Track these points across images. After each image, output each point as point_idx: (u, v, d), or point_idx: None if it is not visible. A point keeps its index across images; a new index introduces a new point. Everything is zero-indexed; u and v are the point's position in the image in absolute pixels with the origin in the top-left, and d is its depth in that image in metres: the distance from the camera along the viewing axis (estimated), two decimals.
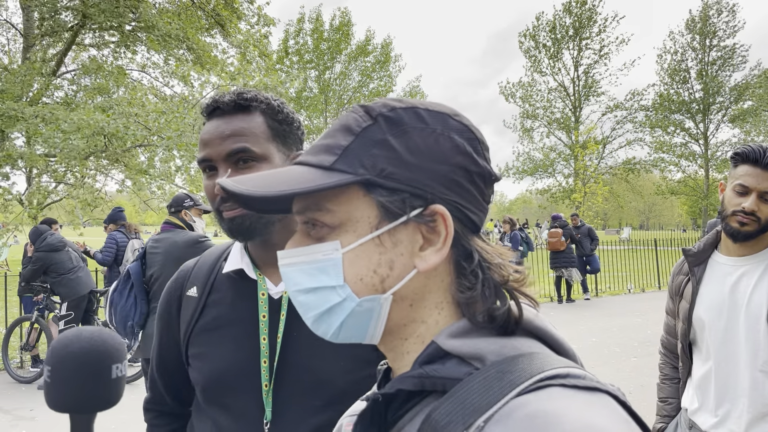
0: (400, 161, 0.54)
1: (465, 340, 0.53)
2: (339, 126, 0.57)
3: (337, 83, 30.38)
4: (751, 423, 1.60)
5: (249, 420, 0.99)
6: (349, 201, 0.54)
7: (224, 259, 1.13)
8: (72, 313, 5.82)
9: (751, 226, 1.62)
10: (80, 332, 0.72)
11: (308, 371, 0.99)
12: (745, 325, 1.63)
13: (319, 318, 0.57)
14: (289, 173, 0.56)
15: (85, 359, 0.70)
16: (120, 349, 0.73)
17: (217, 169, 1.02)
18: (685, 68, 31.94)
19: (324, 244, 0.55)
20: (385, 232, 0.54)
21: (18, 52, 12.93)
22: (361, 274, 0.54)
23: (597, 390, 0.47)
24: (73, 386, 0.69)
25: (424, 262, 0.54)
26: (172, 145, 9.06)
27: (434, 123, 0.56)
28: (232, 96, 1.03)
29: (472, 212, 0.56)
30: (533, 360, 0.50)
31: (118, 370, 0.72)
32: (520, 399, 0.45)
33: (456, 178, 0.55)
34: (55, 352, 0.70)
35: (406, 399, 0.54)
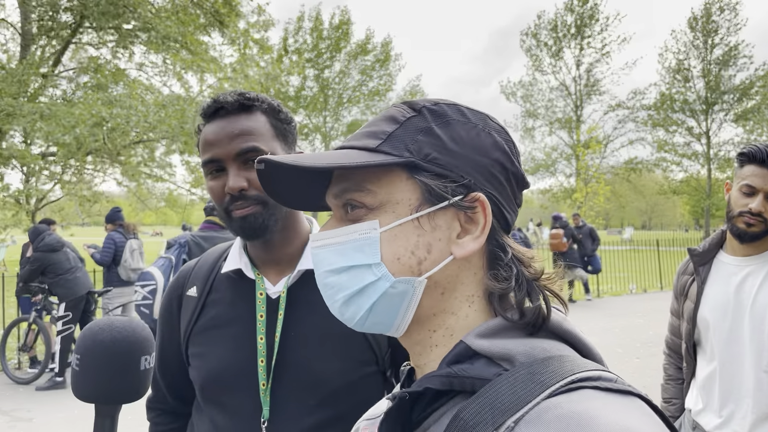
0: (444, 148, 0.55)
1: (494, 340, 0.53)
2: (382, 117, 0.59)
3: (337, 82, 30.38)
4: (756, 424, 1.60)
5: (246, 418, 1.01)
6: (391, 182, 0.55)
7: (224, 259, 1.15)
8: (70, 313, 5.80)
9: (757, 227, 1.61)
10: (111, 321, 0.71)
11: (305, 371, 1.01)
12: (750, 326, 1.62)
13: (349, 299, 0.56)
14: (335, 154, 0.56)
15: (115, 349, 0.69)
16: (150, 340, 0.73)
17: (224, 170, 1.02)
18: (687, 67, 31.90)
19: (362, 224, 0.55)
20: (424, 216, 0.54)
21: (16, 51, 12.92)
22: (398, 253, 0.54)
23: (629, 394, 0.47)
24: (102, 376, 0.69)
25: (462, 248, 0.55)
26: (174, 135, 9.06)
27: (476, 119, 0.58)
28: (235, 96, 1.05)
29: (506, 209, 0.58)
30: (563, 362, 0.49)
31: (147, 362, 0.72)
32: (552, 400, 0.45)
33: (495, 172, 0.57)
34: (85, 340, 0.69)
35: (432, 399, 0.53)
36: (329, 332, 1.02)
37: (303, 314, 1.04)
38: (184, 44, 10.86)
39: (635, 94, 32.49)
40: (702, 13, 31.17)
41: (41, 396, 5.49)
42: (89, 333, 0.70)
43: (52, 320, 6.08)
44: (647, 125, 32.57)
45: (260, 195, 1.00)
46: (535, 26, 33.17)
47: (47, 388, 5.65)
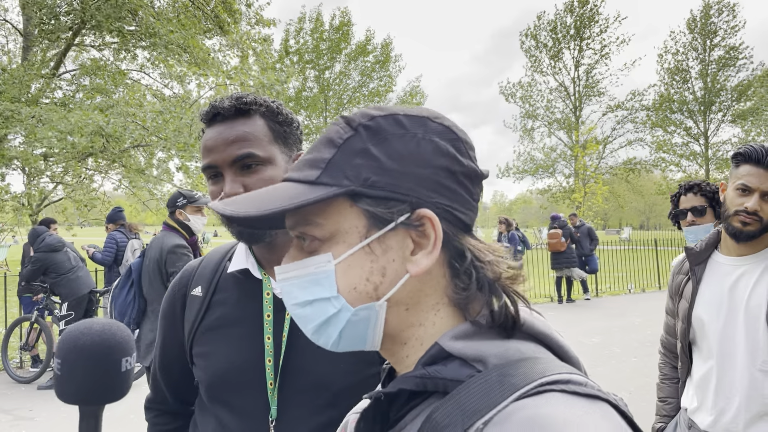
0: (383, 169, 0.54)
1: (468, 342, 0.54)
2: (322, 139, 0.58)
3: (337, 83, 30.37)
4: (750, 422, 1.61)
5: (254, 418, 1.01)
6: (338, 212, 0.55)
7: (228, 259, 1.14)
8: (72, 313, 5.82)
9: (753, 226, 1.62)
10: (90, 324, 0.72)
11: (312, 371, 1.01)
12: (745, 325, 1.63)
13: (318, 329, 0.57)
14: (277, 191, 0.57)
15: (96, 351, 0.70)
16: (129, 342, 0.74)
17: (222, 175, 1.03)
18: (685, 68, 31.93)
19: (316, 257, 0.56)
20: (374, 240, 0.54)
21: (18, 52, 12.92)
22: (354, 283, 0.55)
23: (597, 398, 0.47)
24: (84, 378, 0.69)
25: (416, 266, 0.55)
26: (170, 145, 9.06)
27: (414, 128, 0.56)
28: (232, 101, 1.04)
29: (460, 212, 0.57)
30: (535, 364, 0.50)
31: (128, 363, 0.73)
32: (519, 403, 0.45)
33: (440, 180, 0.56)
34: (66, 344, 0.70)
35: (408, 399, 0.54)
36: None
37: None
38: (186, 48, 10.85)
39: (634, 95, 32.50)
40: (701, 14, 31.21)
41: (43, 395, 5.52)
42: (69, 337, 0.70)
43: (54, 320, 6.10)
44: (646, 126, 32.59)
45: None
46: (534, 27, 33.18)
47: (49, 387, 5.67)
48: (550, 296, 11.17)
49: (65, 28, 11.38)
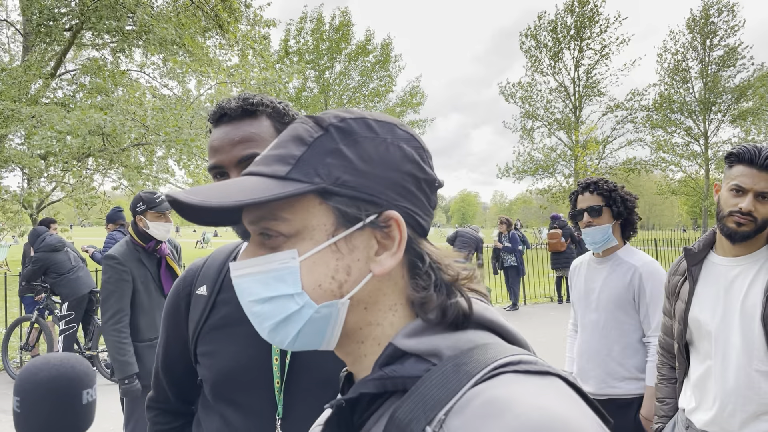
0: (354, 169, 0.55)
1: (421, 338, 0.55)
2: (289, 137, 0.58)
3: (337, 83, 30.39)
4: (746, 422, 1.62)
5: (260, 416, 1.02)
6: (305, 209, 0.55)
7: (233, 259, 1.15)
8: (73, 312, 5.83)
9: (748, 226, 1.63)
10: (48, 360, 0.70)
11: (319, 369, 1.02)
12: (740, 325, 1.64)
13: (276, 327, 0.57)
14: (242, 183, 0.56)
15: (54, 386, 0.68)
16: (90, 374, 0.72)
17: (228, 175, 1.04)
18: (685, 68, 31.95)
19: (280, 253, 0.56)
20: (341, 239, 0.55)
21: (18, 52, 12.93)
22: (319, 280, 0.55)
23: (548, 374, 0.49)
24: (44, 415, 0.67)
25: (380, 266, 0.56)
26: (170, 143, 9.05)
27: (383, 132, 0.58)
28: (239, 101, 1.05)
29: (421, 217, 0.59)
30: (487, 350, 0.52)
31: (89, 396, 0.71)
32: (476, 389, 0.47)
33: (406, 185, 0.57)
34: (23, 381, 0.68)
35: (370, 402, 0.55)
36: None
37: None
38: (182, 46, 10.85)
39: (634, 95, 32.52)
40: (700, 14, 31.23)
41: None
42: (27, 374, 0.68)
43: (54, 320, 6.10)
44: (646, 126, 32.60)
45: None
46: (534, 27, 33.20)
47: None
48: (550, 296, 11.17)
49: (64, 29, 11.39)
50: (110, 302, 3.01)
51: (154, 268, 3.24)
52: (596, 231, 2.38)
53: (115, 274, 3.03)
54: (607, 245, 2.42)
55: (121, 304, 3.00)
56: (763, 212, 1.62)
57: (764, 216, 1.62)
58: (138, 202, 3.25)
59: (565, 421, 0.42)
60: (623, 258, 2.41)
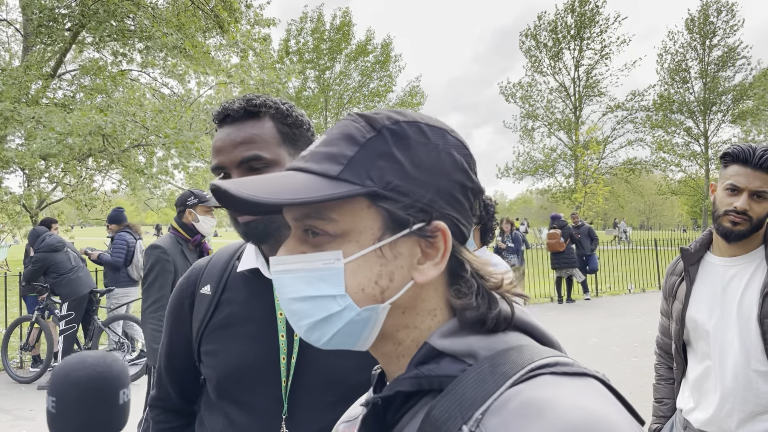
0: (406, 174, 0.54)
1: (456, 338, 0.55)
2: (340, 135, 0.57)
3: (337, 83, 30.39)
4: (744, 422, 1.62)
5: (265, 415, 1.02)
6: (354, 211, 0.54)
7: (237, 258, 1.15)
8: (73, 312, 5.83)
9: (743, 225, 1.63)
10: (84, 359, 0.69)
11: (323, 368, 1.03)
12: (737, 325, 1.64)
13: (314, 326, 0.56)
14: (292, 180, 0.55)
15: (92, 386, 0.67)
16: (125, 373, 0.71)
17: (230, 176, 1.04)
18: (685, 68, 31.95)
19: (325, 253, 0.55)
20: (386, 244, 0.54)
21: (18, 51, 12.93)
22: (362, 284, 0.54)
23: (585, 375, 0.50)
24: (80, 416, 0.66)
25: (423, 275, 0.55)
26: (170, 144, 9.04)
27: (435, 138, 0.57)
28: (242, 102, 1.05)
29: (464, 225, 0.58)
30: (523, 352, 0.52)
31: (125, 396, 0.70)
32: (514, 389, 0.47)
33: (455, 193, 0.57)
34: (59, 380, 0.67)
35: (404, 400, 0.55)
36: None
37: None
38: (182, 50, 10.85)
39: (634, 95, 32.51)
40: (699, 14, 31.22)
41: (43, 395, 5.52)
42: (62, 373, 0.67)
43: (54, 320, 6.11)
44: (646, 126, 32.60)
45: None
46: (534, 27, 33.18)
47: None
48: (550, 296, 11.17)
49: (65, 29, 11.38)
50: (152, 290, 3.04)
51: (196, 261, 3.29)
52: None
53: (159, 263, 3.07)
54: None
55: (162, 292, 3.03)
56: (758, 211, 1.62)
57: (759, 215, 1.62)
58: (189, 196, 3.40)
59: (605, 421, 0.43)
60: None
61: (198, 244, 3.38)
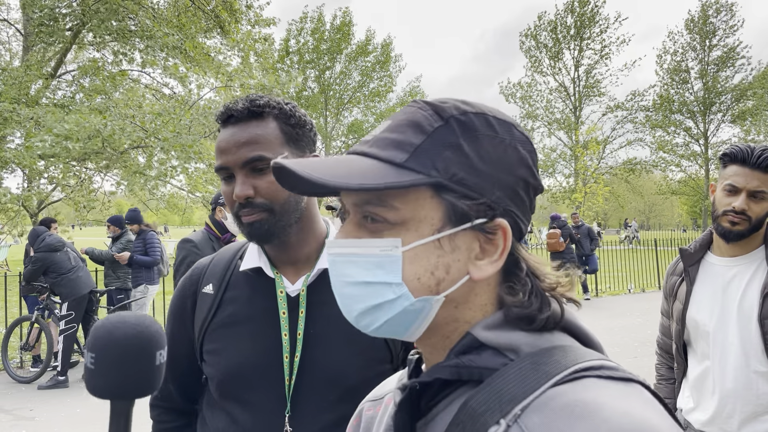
0: (472, 167, 0.54)
1: (500, 332, 0.54)
2: (407, 122, 0.56)
3: (337, 83, 30.41)
4: (744, 422, 1.62)
5: (268, 413, 1.03)
6: (416, 200, 0.54)
7: (240, 257, 1.16)
8: (73, 312, 5.83)
9: (742, 225, 1.63)
10: (124, 318, 0.71)
11: (326, 367, 1.04)
12: (738, 326, 1.65)
13: (366, 311, 0.56)
14: (359, 164, 0.54)
15: (131, 344, 0.69)
16: (162, 334, 0.73)
17: (234, 177, 1.04)
18: (685, 68, 31.96)
19: (383, 240, 0.54)
20: (445, 236, 0.54)
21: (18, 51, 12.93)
22: (419, 273, 0.54)
23: (630, 381, 0.49)
24: (119, 373, 0.68)
25: (480, 271, 0.55)
26: (169, 147, 9.04)
27: (503, 132, 0.56)
28: (245, 103, 1.05)
29: (523, 222, 0.58)
30: (567, 353, 0.52)
31: (161, 357, 0.71)
32: (557, 389, 0.47)
33: (518, 189, 0.56)
34: (99, 337, 0.69)
35: (440, 388, 0.55)
36: (347, 330, 1.04)
37: (322, 312, 1.07)
38: (183, 51, 10.85)
39: (634, 95, 32.53)
40: (699, 14, 31.24)
41: (43, 395, 5.52)
42: (103, 331, 0.69)
43: (54, 320, 6.11)
44: (646, 126, 32.62)
45: (267, 202, 1.03)
46: (534, 27, 33.20)
47: (49, 387, 5.68)
48: None
49: (65, 29, 11.38)
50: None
51: None
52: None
53: (190, 256, 3.07)
54: None
55: None
56: (756, 211, 1.62)
57: (758, 215, 1.63)
58: (220, 196, 3.37)
59: (650, 428, 0.43)
60: None
61: (228, 242, 3.37)
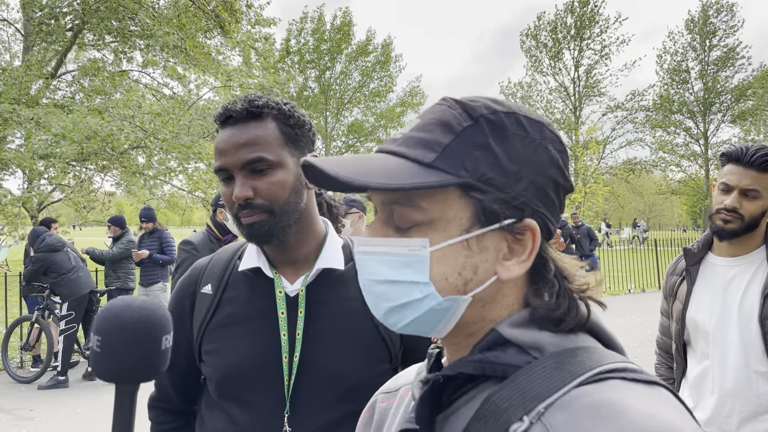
0: (501, 168, 0.53)
1: (525, 330, 0.55)
2: (436, 120, 0.55)
3: (338, 83, 30.41)
4: (743, 422, 1.62)
5: (267, 413, 1.03)
6: (444, 200, 0.53)
7: (239, 257, 1.16)
8: (73, 312, 5.83)
9: (734, 223, 1.64)
10: (130, 302, 0.72)
11: (324, 367, 1.04)
12: (738, 326, 1.65)
13: (393, 310, 0.56)
14: (387, 163, 0.54)
15: (138, 328, 0.69)
16: (169, 319, 0.73)
17: (233, 177, 1.04)
18: (685, 68, 31.95)
19: (411, 239, 0.54)
20: (474, 237, 0.54)
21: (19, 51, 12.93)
22: (446, 273, 0.54)
23: (655, 384, 0.50)
24: (124, 355, 0.69)
25: (507, 271, 0.55)
26: (168, 148, 9.03)
27: (533, 131, 0.56)
28: (244, 104, 1.05)
29: (551, 223, 0.57)
30: (591, 354, 0.52)
31: (167, 341, 0.72)
32: (582, 389, 0.47)
33: (547, 190, 0.56)
34: (106, 320, 0.69)
35: (463, 382, 0.55)
36: (346, 330, 1.06)
37: (321, 312, 1.07)
38: (183, 50, 10.84)
39: (634, 96, 32.53)
40: (699, 15, 31.23)
41: (43, 395, 5.52)
42: (110, 314, 0.70)
43: (54, 320, 6.11)
44: (646, 126, 32.61)
45: (266, 204, 1.03)
46: (534, 27, 33.21)
47: (49, 387, 5.68)
48: None
49: (66, 29, 11.38)
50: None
51: None
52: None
53: (190, 258, 3.07)
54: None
55: None
56: (749, 209, 1.63)
57: (751, 213, 1.63)
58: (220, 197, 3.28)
59: (675, 429, 0.43)
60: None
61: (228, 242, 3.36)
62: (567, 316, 0.55)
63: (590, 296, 0.58)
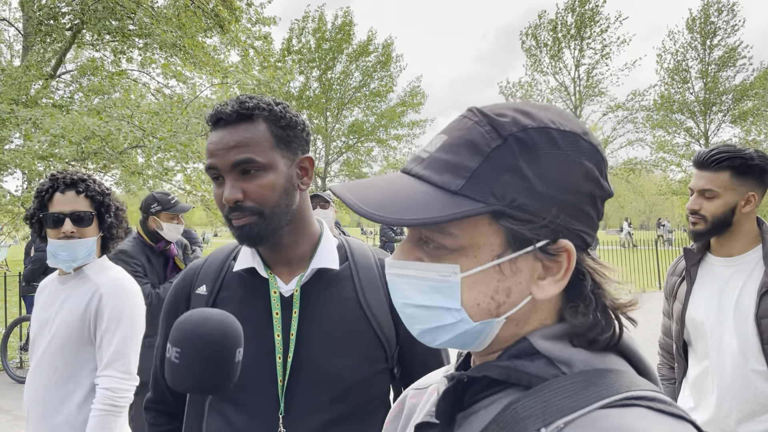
0: (532, 191, 0.52)
1: (558, 344, 0.54)
2: (462, 141, 0.54)
3: (339, 83, 30.42)
4: (742, 420, 1.63)
5: (262, 414, 1.03)
6: (474, 227, 0.53)
7: (233, 258, 1.16)
8: None
9: (699, 224, 1.69)
10: (209, 315, 0.72)
11: (319, 367, 1.04)
12: (735, 325, 1.66)
13: (427, 332, 0.56)
14: (413, 194, 0.52)
15: (216, 342, 0.70)
16: (241, 333, 0.74)
17: (224, 179, 1.04)
18: (685, 68, 31.94)
19: (442, 265, 0.54)
20: (506, 261, 0.53)
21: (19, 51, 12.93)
22: (478, 299, 0.54)
23: (683, 419, 0.48)
24: (203, 369, 0.69)
25: (543, 291, 0.54)
26: (166, 147, 9.02)
27: (566, 146, 0.53)
28: (234, 105, 1.05)
29: (588, 235, 0.56)
30: (621, 377, 0.51)
31: (239, 354, 0.74)
32: (606, 411, 0.47)
33: (582, 206, 0.54)
34: (186, 332, 0.69)
35: (486, 385, 0.56)
36: (341, 330, 1.06)
37: (316, 312, 1.07)
38: (181, 48, 10.83)
39: (634, 95, 32.53)
40: (700, 14, 31.22)
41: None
42: (189, 326, 0.70)
43: None
44: (646, 126, 32.61)
45: (256, 206, 1.02)
46: (535, 26, 33.20)
47: None
48: None
49: (65, 29, 11.38)
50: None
51: (161, 267, 3.24)
52: (72, 245, 1.81)
53: (128, 268, 3.06)
54: (86, 262, 1.89)
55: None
56: (710, 209, 1.67)
57: (713, 213, 1.67)
58: (152, 203, 3.19)
59: None
60: (90, 276, 1.90)
61: (163, 251, 3.24)
62: (601, 336, 0.54)
63: (624, 313, 0.57)
